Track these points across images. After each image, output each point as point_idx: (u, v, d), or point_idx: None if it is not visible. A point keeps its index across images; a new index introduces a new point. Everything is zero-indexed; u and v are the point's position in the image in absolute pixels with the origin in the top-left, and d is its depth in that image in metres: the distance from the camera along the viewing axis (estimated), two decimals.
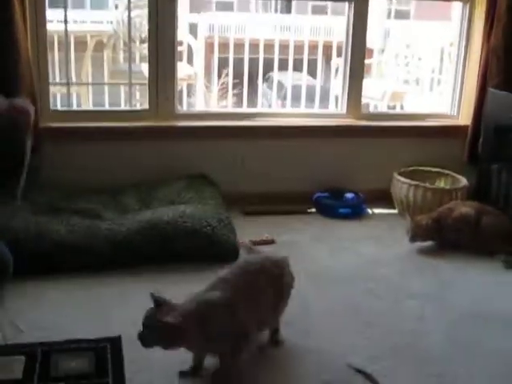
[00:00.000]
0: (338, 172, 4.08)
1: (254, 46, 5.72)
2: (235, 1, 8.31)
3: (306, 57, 5.69)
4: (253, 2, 8.10)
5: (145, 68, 4.03)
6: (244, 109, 5.21)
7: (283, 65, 5.70)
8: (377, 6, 7.13)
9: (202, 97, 6.67)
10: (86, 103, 5.23)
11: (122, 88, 5.17)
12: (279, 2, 9.24)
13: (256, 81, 5.68)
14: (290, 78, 5.67)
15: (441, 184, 4.07)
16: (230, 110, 5.67)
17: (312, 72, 5.99)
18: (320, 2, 8.25)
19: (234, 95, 6.28)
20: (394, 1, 9.50)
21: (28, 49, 3.42)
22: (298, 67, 5.82)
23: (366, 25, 4.02)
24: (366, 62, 4.39)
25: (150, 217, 3.16)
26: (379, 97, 6.01)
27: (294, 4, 6.37)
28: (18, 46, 3.31)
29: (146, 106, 3.90)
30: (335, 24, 6.17)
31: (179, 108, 4.05)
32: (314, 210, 3.95)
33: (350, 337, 2.52)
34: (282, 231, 3.57)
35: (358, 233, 3.65)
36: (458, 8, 4.20)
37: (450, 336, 2.56)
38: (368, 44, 4.18)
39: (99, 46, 5.82)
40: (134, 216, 3.24)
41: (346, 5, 4.01)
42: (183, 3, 6.74)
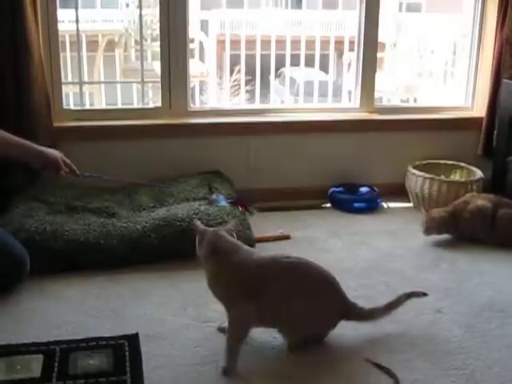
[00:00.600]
0: (352, 166, 4.07)
1: (266, 42, 5.71)
2: None
3: (317, 52, 5.67)
4: None
5: (157, 66, 4.04)
6: (256, 105, 5.21)
7: (295, 60, 5.69)
8: (388, 0, 7.08)
9: (215, 94, 6.67)
10: (98, 102, 5.25)
11: (135, 86, 5.18)
12: None
13: (268, 77, 5.67)
14: (303, 74, 5.65)
15: (456, 177, 4.04)
16: (243, 106, 5.66)
17: (324, 67, 5.97)
18: None
19: (247, 92, 6.27)
20: None
21: (40, 49, 3.43)
22: (309, 63, 5.80)
23: (378, 18, 4.01)
24: (379, 55, 4.38)
25: (164, 214, 3.17)
26: (392, 90, 5.99)
27: None
28: (30, 46, 3.33)
29: (158, 104, 3.91)
30: (347, 18, 6.14)
31: (192, 105, 4.05)
32: (329, 205, 3.94)
33: (367, 331, 2.51)
34: (296, 227, 3.56)
35: (374, 227, 3.64)
36: None
37: (468, 329, 2.54)
38: (380, 38, 4.16)
39: (111, 45, 5.84)
40: (148, 214, 3.25)
41: None
42: (194, 0, 6.73)
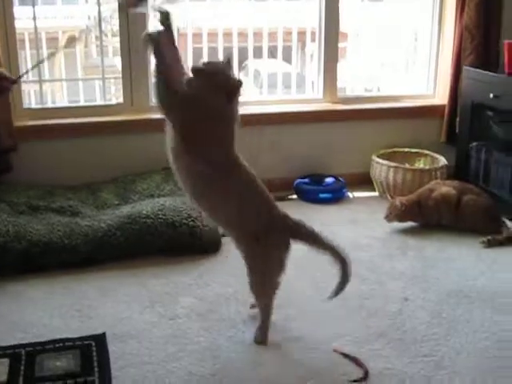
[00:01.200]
0: (317, 157, 4.07)
1: (228, 35, 5.68)
2: None
3: (280, 44, 5.66)
4: None
5: (118, 62, 3.99)
6: None
7: (258, 53, 5.67)
8: None
9: None
10: (60, 100, 5.18)
11: (97, 83, 5.12)
12: None
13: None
14: (266, 66, 5.63)
15: (420, 164, 4.07)
16: None
17: (287, 59, 5.96)
18: None
19: None
20: None
21: None
22: (272, 54, 5.78)
23: (338, 8, 4.02)
24: (341, 45, 4.38)
25: (129, 211, 3.14)
26: (356, 80, 6.00)
27: None
28: None
29: (120, 100, 3.86)
30: (309, 9, 6.14)
31: (154, 101, 4.00)
32: (295, 196, 3.94)
33: (335, 321, 2.52)
34: None
35: (340, 217, 3.65)
36: None
37: (435, 316, 2.57)
38: (342, 28, 4.16)
39: (71, 42, 5.75)
40: (113, 211, 3.21)
41: None
42: None
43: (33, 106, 4.10)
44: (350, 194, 4.00)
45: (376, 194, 3.99)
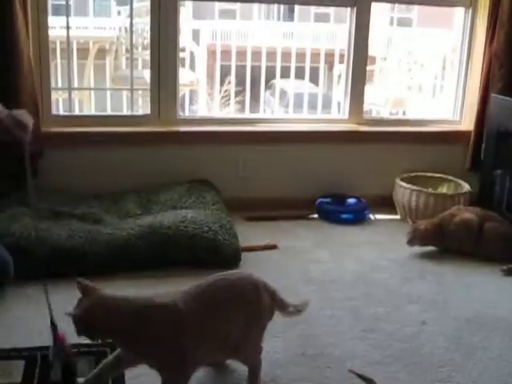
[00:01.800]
0: (340, 177, 4.07)
1: (257, 54, 5.73)
2: (238, 8, 8.31)
3: (308, 64, 5.69)
4: (255, 9, 8.12)
5: (146, 74, 4.04)
6: (246, 114, 5.21)
7: (285, 72, 5.71)
8: (379, 14, 7.14)
9: (205, 104, 6.67)
10: (88, 109, 5.24)
11: (124, 94, 5.17)
12: (282, 9, 9.27)
13: (258, 88, 5.69)
14: (293, 86, 5.66)
15: (443, 190, 4.06)
16: (232, 115, 5.67)
17: (314, 80, 6.00)
18: (323, 10, 8.26)
19: (237, 102, 6.28)
20: (396, 9, 9.51)
21: (30, 54, 3.42)
22: (300, 75, 5.82)
23: (368, 31, 4.03)
24: (368, 68, 4.40)
25: (151, 221, 3.16)
26: (381, 103, 6.02)
27: (296, 11, 6.38)
28: (20, 51, 3.32)
29: (147, 111, 3.90)
30: (338, 31, 6.18)
31: (181, 113, 4.05)
32: (316, 216, 3.94)
33: (351, 342, 2.50)
34: (283, 236, 3.56)
35: (360, 238, 3.64)
36: (460, 13, 4.21)
37: (453, 341, 2.54)
38: (370, 52, 4.18)
39: (101, 53, 5.83)
40: (134, 221, 3.23)
41: (348, 12, 4.02)
42: (186, 10, 6.75)
43: (61, 113, 4.15)
44: (372, 216, 3.99)
45: (397, 216, 3.98)
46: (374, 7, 4.02)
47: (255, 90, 5.71)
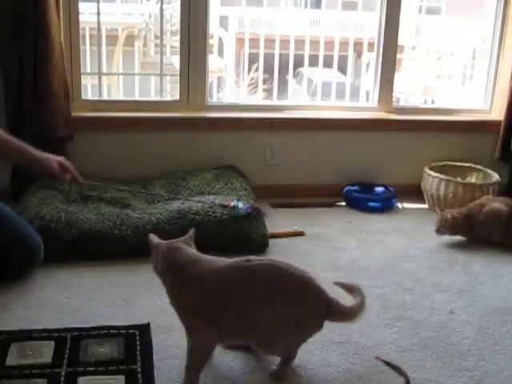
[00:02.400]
0: (368, 165, 4.06)
1: (285, 42, 5.71)
2: None
3: (336, 53, 5.66)
4: None
5: (175, 60, 4.05)
6: (274, 101, 5.21)
7: (313, 61, 5.68)
8: (408, 3, 7.06)
9: (232, 91, 6.67)
10: (116, 95, 5.27)
11: (153, 79, 5.19)
12: None
13: (286, 76, 5.67)
14: (320, 75, 5.64)
15: (472, 179, 4.03)
16: (260, 102, 5.67)
17: (342, 69, 5.96)
18: None
19: (264, 90, 6.27)
20: None
21: (61, 39, 3.44)
22: (328, 63, 5.79)
23: (399, 20, 3.99)
24: (398, 56, 4.36)
25: (179, 207, 3.17)
26: (410, 92, 5.97)
27: None
28: (52, 36, 3.34)
29: (176, 97, 3.91)
30: (366, 20, 6.13)
31: (209, 100, 4.05)
32: (344, 204, 3.93)
33: (379, 329, 2.50)
34: (310, 223, 3.56)
35: (388, 226, 3.62)
36: (491, 2, 4.15)
37: (480, 331, 2.53)
38: (399, 40, 4.14)
39: (129, 40, 5.85)
40: (163, 206, 3.25)
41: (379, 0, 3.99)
42: None
43: (90, 97, 4.17)
44: (400, 205, 3.97)
45: (425, 206, 3.95)
46: None
47: (282, 78, 5.70)
